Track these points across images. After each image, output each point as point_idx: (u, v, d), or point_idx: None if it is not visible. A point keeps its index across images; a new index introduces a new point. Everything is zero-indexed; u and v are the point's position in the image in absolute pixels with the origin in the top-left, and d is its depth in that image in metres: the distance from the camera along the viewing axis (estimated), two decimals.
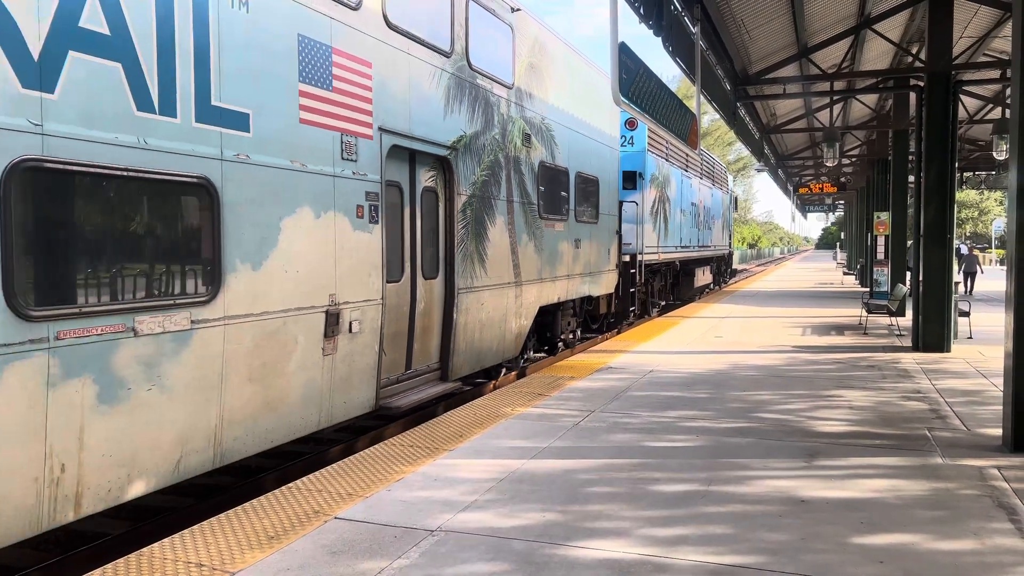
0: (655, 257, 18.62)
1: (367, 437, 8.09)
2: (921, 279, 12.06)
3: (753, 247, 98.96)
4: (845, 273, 37.82)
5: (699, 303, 21.83)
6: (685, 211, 22.29)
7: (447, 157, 8.64)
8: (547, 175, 11.46)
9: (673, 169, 20.49)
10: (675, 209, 20.81)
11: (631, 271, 16.55)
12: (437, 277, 8.76)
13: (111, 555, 4.96)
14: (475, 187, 9.25)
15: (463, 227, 9.00)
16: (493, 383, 10.58)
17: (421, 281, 8.45)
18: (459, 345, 9.01)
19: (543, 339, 12.52)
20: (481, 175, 9.40)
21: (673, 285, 22.31)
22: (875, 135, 23.54)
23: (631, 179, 17.07)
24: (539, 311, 11.48)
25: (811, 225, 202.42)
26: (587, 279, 13.44)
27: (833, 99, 19.53)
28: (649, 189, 17.82)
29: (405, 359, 8.26)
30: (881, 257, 18.93)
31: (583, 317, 14.23)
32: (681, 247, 21.79)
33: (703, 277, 25.20)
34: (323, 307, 6.58)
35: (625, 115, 15.80)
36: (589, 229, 13.39)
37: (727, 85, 14.38)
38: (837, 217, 75.39)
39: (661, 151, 19.03)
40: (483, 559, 4.14)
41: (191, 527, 4.62)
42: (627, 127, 17.08)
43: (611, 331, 16.19)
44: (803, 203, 48.18)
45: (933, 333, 11.68)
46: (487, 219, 9.57)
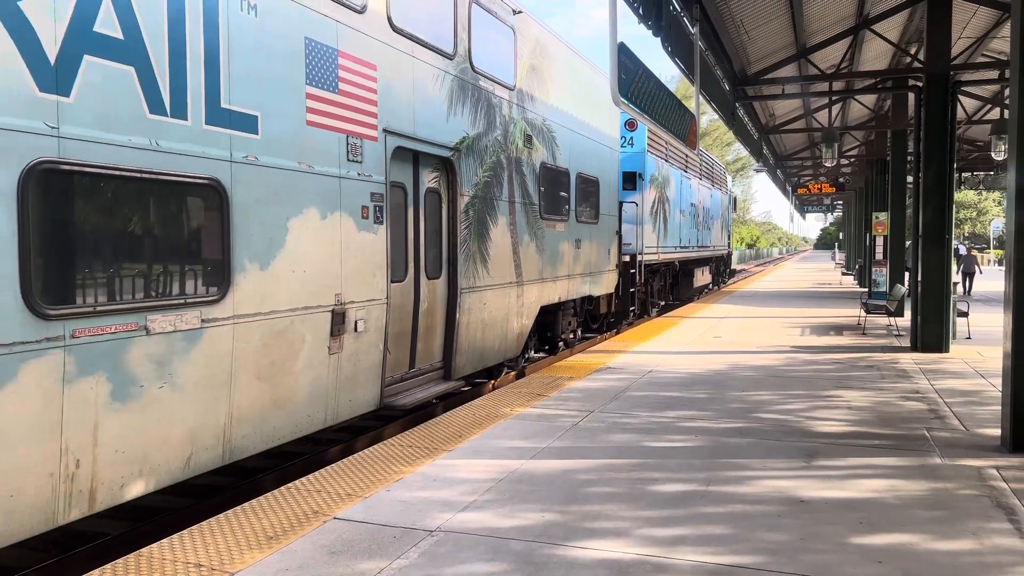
0: (655, 257, 18.70)
1: (366, 437, 8.13)
2: (919, 279, 12.09)
3: (752, 247, 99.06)
4: (844, 273, 37.87)
5: (698, 303, 21.89)
6: (684, 211, 22.36)
7: (450, 158, 8.71)
8: (548, 176, 11.53)
9: (672, 170, 20.56)
10: (674, 209, 20.88)
11: (631, 271, 16.62)
12: (440, 277, 8.83)
13: (110, 555, 4.99)
14: (477, 188, 9.33)
15: (466, 227, 9.07)
16: (493, 383, 10.65)
17: (424, 281, 8.52)
18: (462, 344, 9.08)
19: (544, 339, 12.59)
20: (483, 176, 9.47)
21: (672, 285, 22.38)
22: (874, 135, 23.59)
23: (631, 180, 17.15)
24: (540, 311, 11.55)
25: (809, 225, 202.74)
26: (587, 279, 13.51)
27: (832, 99, 19.58)
28: (649, 190, 17.89)
29: (409, 358, 8.33)
30: (880, 257, 19.00)
31: (583, 317, 14.30)
32: (680, 247, 21.85)
33: (702, 277, 25.28)
34: (329, 307, 6.65)
35: (625, 116, 15.88)
36: (589, 229, 13.45)
37: (726, 85, 14.44)
38: (836, 217, 75.56)
39: (661, 152, 19.09)
40: (482, 559, 4.16)
41: (190, 527, 4.63)
42: (627, 128, 17.14)
43: (611, 331, 16.26)
44: (801, 203, 48.14)
45: (932, 333, 11.73)
46: (489, 219, 9.64)
